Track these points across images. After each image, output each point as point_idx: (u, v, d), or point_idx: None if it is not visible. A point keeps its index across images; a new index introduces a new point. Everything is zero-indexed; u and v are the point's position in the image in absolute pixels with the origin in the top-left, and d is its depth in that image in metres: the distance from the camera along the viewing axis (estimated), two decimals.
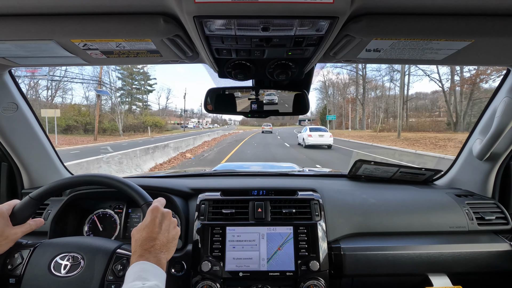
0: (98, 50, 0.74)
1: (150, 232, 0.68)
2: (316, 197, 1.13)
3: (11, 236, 0.73)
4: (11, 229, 0.73)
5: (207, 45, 0.69)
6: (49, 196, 0.81)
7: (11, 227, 0.74)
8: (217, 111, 1.08)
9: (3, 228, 0.72)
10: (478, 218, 1.13)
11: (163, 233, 0.70)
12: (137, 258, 0.63)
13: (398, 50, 0.74)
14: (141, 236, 0.68)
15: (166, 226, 0.72)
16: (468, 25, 0.63)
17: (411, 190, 1.31)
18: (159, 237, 0.69)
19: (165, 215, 0.74)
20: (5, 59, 0.81)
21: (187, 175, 1.53)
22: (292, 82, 1.05)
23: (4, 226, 0.72)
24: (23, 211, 0.77)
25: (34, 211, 0.80)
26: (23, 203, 0.78)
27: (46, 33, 0.64)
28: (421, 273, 1.03)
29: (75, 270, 0.71)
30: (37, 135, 1.25)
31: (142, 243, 0.66)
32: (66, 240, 0.81)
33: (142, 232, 0.69)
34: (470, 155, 1.29)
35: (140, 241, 0.67)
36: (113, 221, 1.20)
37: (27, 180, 1.28)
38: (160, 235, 0.69)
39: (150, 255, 0.64)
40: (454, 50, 0.73)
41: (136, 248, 0.66)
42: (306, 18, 0.55)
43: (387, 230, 1.11)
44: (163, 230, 0.70)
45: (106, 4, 0.58)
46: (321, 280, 0.95)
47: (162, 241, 0.69)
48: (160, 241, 0.68)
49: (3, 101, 1.09)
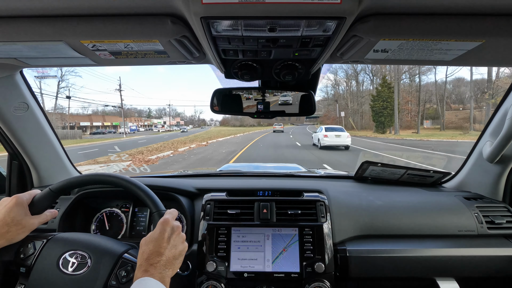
0: (107, 51, 0.75)
1: (157, 247, 0.68)
2: (322, 199, 1.12)
3: (29, 225, 0.75)
4: (29, 219, 0.75)
5: (213, 46, 0.69)
6: (68, 190, 0.83)
7: (30, 217, 0.76)
8: (224, 112, 1.09)
9: (22, 217, 0.73)
10: (488, 222, 1.11)
11: (170, 248, 0.70)
12: (142, 273, 0.63)
13: (407, 50, 0.73)
14: (148, 249, 0.68)
15: (174, 241, 0.72)
16: (478, 25, 0.62)
17: (419, 192, 1.29)
18: (166, 252, 0.68)
19: (175, 229, 0.73)
20: (17, 59, 0.83)
21: (193, 175, 1.54)
22: (299, 83, 1.05)
23: (23, 215, 0.74)
24: (42, 201, 0.79)
25: (52, 203, 0.83)
26: (43, 194, 0.80)
27: (57, 34, 0.65)
28: (429, 277, 1.01)
29: (81, 269, 0.72)
30: (47, 135, 1.27)
31: (148, 257, 0.66)
32: (77, 236, 0.81)
33: (150, 244, 0.68)
34: (480, 158, 1.27)
35: (147, 254, 0.67)
36: (120, 220, 1.22)
37: (36, 178, 1.30)
38: (167, 251, 0.69)
39: (156, 271, 0.64)
40: (464, 51, 0.72)
41: (142, 262, 0.66)
42: (313, 18, 0.55)
43: (394, 233, 1.09)
44: (170, 246, 0.70)
45: (115, 5, 0.58)
46: (326, 282, 0.95)
47: (169, 257, 0.68)
48: (166, 257, 0.68)
49: (15, 101, 1.11)
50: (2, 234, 0.70)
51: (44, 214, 0.80)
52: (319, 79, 1.06)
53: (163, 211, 0.78)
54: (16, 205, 0.73)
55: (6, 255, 0.73)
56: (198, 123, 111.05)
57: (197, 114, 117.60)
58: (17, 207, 0.73)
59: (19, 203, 0.74)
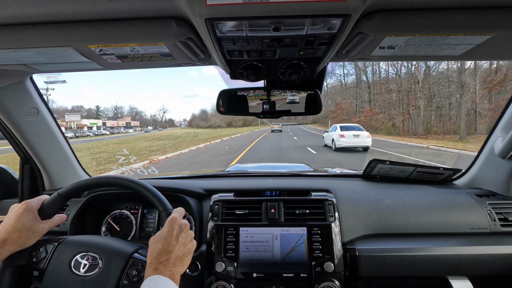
0: (114, 55, 0.76)
1: (166, 245, 0.69)
2: (330, 198, 1.11)
3: (39, 230, 0.77)
4: (39, 223, 0.77)
5: (218, 47, 0.70)
6: (76, 193, 0.84)
7: (40, 221, 0.77)
8: (230, 113, 1.09)
9: (32, 222, 0.75)
10: (501, 219, 1.09)
11: (179, 246, 0.71)
12: (152, 272, 0.64)
13: (414, 46, 0.72)
14: (157, 247, 0.68)
15: (183, 239, 0.72)
16: (487, 19, 0.60)
17: (429, 190, 1.27)
18: (175, 250, 0.69)
19: (183, 227, 0.74)
20: (27, 66, 0.85)
21: (201, 176, 1.55)
22: (304, 82, 1.05)
23: (33, 220, 0.75)
24: (51, 206, 0.81)
25: (61, 207, 0.84)
26: (51, 198, 0.81)
27: (65, 40, 0.66)
28: (440, 276, 0.99)
29: (93, 271, 0.73)
30: (57, 139, 1.29)
31: (158, 255, 0.67)
32: (88, 238, 0.83)
33: (158, 243, 0.69)
34: (492, 154, 1.24)
35: (156, 252, 0.67)
36: (129, 221, 1.23)
37: (47, 182, 1.33)
38: (176, 249, 0.69)
39: (165, 269, 0.65)
40: (473, 45, 0.71)
41: (152, 260, 0.66)
42: (317, 17, 0.55)
43: (404, 231, 1.08)
44: (179, 243, 0.71)
45: (120, 9, 0.59)
46: (336, 282, 0.94)
47: (178, 254, 0.69)
48: (175, 255, 0.68)
49: (25, 106, 1.14)
50: (14, 239, 0.72)
51: (53, 219, 0.81)
52: (325, 77, 1.05)
53: (170, 210, 0.79)
54: (26, 211, 0.75)
55: (19, 259, 0.75)
56: (162, 124, 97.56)
57: (160, 113, 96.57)
58: (26, 213, 0.75)
59: (29, 209, 0.76)
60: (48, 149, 1.27)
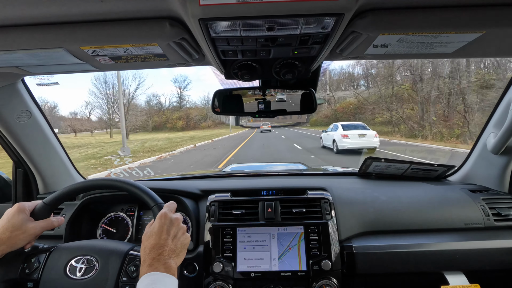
0: (107, 56, 0.75)
1: (158, 239, 0.68)
2: (326, 196, 1.12)
3: (30, 230, 0.75)
4: (30, 223, 0.76)
5: (213, 47, 0.69)
6: (62, 201, 0.83)
7: (32, 221, 0.76)
8: (225, 113, 1.09)
9: (22, 222, 0.74)
10: (494, 214, 1.10)
11: (172, 239, 0.70)
12: (146, 269, 0.63)
13: (406, 44, 0.72)
14: (149, 243, 0.68)
15: (174, 232, 0.72)
16: (478, 16, 0.61)
17: (424, 186, 1.28)
18: (167, 243, 0.68)
19: (173, 221, 0.73)
20: (18, 68, 0.83)
21: (197, 176, 1.54)
22: (299, 81, 1.05)
23: (24, 220, 0.75)
24: (41, 213, 0.80)
25: (48, 216, 0.82)
26: (39, 207, 0.80)
27: (56, 41, 0.65)
28: (436, 272, 1.01)
29: (90, 273, 0.73)
30: (50, 141, 1.28)
31: (150, 251, 0.66)
32: (80, 243, 0.82)
33: (150, 239, 0.69)
34: (484, 150, 1.26)
35: (148, 249, 0.67)
36: (126, 224, 1.22)
37: (41, 185, 1.31)
38: (168, 241, 0.69)
39: (159, 264, 0.64)
40: (465, 43, 0.72)
41: (145, 257, 0.66)
42: (311, 16, 0.55)
43: (400, 228, 1.09)
44: (171, 236, 0.70)
45: (113, 10, 0.59)
46: (333, 279, 0.94)
47: (171, 247, 0.68)
48: (168, 248, 0.68)
49: (17, 109, 1.12)
50: (3, 240, 0.71)
51: (49, 220, 0.80)
52: (319, 76, 1.06)
53: (161, 204, 0.78)
54: (18, 212, 0.74)
55: (10, 273, 0.74)
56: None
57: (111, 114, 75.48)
58: (18, 214, 0.74)
59: (21, 210, 0.75)
60: (41, 152, 1.26)
